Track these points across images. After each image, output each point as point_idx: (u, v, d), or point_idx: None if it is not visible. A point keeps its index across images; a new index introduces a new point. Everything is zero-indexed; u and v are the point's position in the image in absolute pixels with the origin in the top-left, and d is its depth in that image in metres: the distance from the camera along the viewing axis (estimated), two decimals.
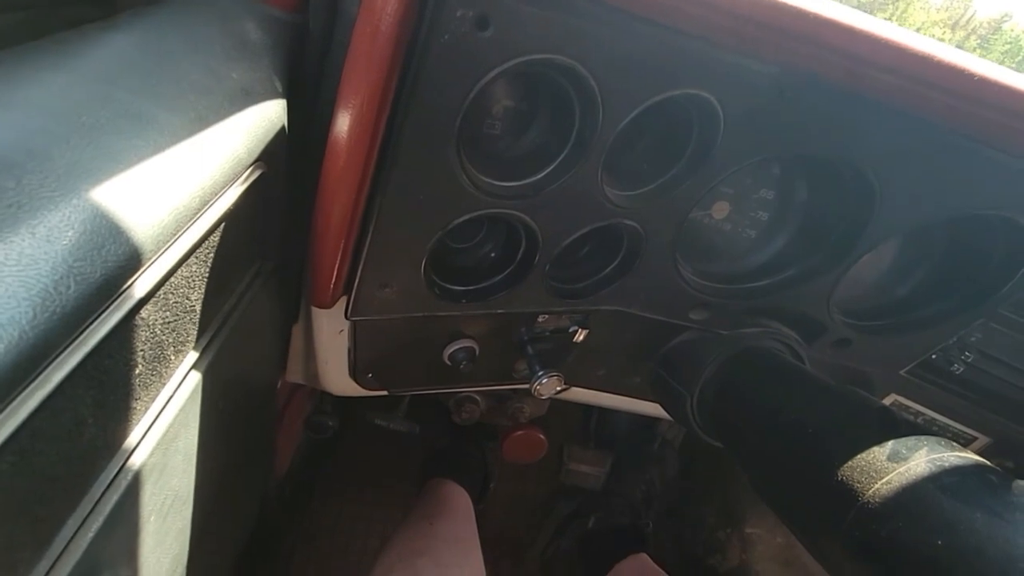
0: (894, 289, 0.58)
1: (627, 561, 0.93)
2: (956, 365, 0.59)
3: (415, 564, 0.66)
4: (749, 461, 0.48)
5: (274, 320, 0.47)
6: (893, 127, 0.40)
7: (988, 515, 0.30)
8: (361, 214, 0.38)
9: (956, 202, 0.45)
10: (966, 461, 0.35)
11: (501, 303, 0.49)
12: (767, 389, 0.50)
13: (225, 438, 0.42)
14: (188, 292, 0.28)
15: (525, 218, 0.42)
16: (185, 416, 0.31)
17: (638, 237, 0.47)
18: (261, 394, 0.55)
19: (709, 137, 0.41)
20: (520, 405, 0.83)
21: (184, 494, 0.33)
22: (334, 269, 0.40)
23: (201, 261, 0.29)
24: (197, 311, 0.30)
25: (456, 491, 0.88)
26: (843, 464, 0.37)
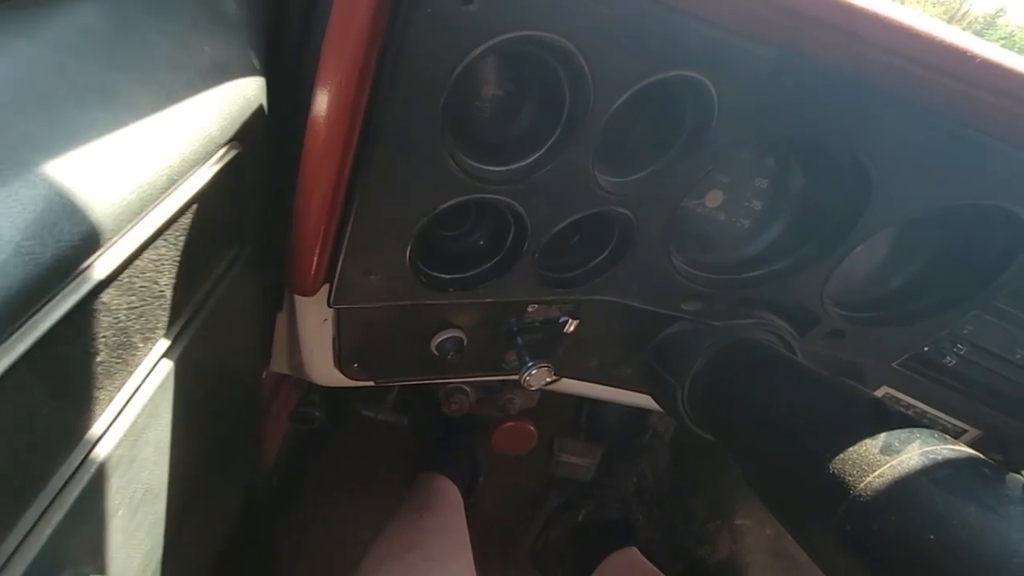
0: (888, 280, 0.57)
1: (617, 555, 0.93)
2: (948, 357, 0.59)
3: (405, 558, 0.65)
4: (740, 453, 0.47)
5: (256, 308, 0.46)
6: (891, 113, 0.40)
7: (981, 509, 0.29)
8: (343, 198, 0.37)
9: (953, 191, 0.44)
10: (959, 454, 0.34)
11: (490, 292, 0.48)
12: (759, 381, 0.49)
13: (203, 430, 0.40)
14: (156, 276, 0.27)
15: (514, 204, 0.40)
16: (155, 407, 0.29)
17: (630, 225, 0.46)
18: (244, 385, 0.54)
19: (703, 122, 0.40)
20: (510, 396, 0.83)
21: (156, 487, 0.32)
22: (315, 255, 0.38)
23: (171, 244, 0.27)
24: (167, 297, 0.28)
25: (446, 485, 0.88)
26: (835, 457, 0.36)
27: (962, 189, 0.44)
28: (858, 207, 0.46)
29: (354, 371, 0.55)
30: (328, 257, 0.40)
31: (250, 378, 0.57)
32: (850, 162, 0.44)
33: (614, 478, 1.05)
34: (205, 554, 0.53)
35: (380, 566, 0.65)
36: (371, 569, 0.65)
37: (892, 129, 0.41)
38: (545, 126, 0.39)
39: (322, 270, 0.40)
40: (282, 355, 0.59)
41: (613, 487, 1.04)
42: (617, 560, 0.91)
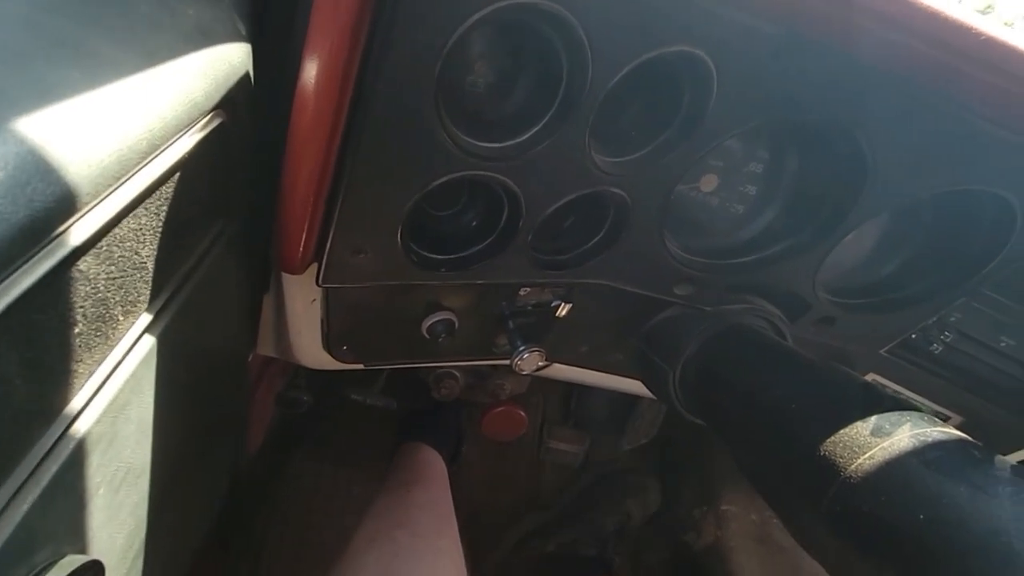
0: (879, 267, 0.57)
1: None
2: (935, 344, 0.60)
3: (394, 536, 0.65)
4: (731, 437, 0.47)
5: (241, 287, 0.45)
6: (891, 96, 0.39)
7: (971, 489, 0.30)
8: (332, 172, 0.36)
9: (948, 177, 0.44)
10: (949, 436, 0.34)
11: (482, 273, 0.47)
12: (750, 366, 0.49)
13: (187, 410, 0.39)
14: (137, 247, 0.26)
15: (508, 182, 0.40)
16: (138, 383, 0.28)
17: (624, 207, 0.45)
18: (229, 366, 0.53)
19: (701, 102, 0.39)
20: (500, 382, 0.82)
21: (139, 467, 0.31)
22: (303, 232, 0.37)
23: (152, 213, 0.26)
24: (149, 269, 0.27)
25: (431, 455, 0.88)
26: (826, 440, 0.37)
27: (957, 175, 0.44)
28: (854, 192, 0.46)
29: (343, 353, 0.54)
30: (317, 234, 0.39)
31: (236, 361, 0.56)
32: (847, 146, 0.44)
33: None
34: (189, 538, 0.52)
35: (370, 545, 0.65)
36: (362, 549, 0.65)
37: (891, 112, 0.41)
38: (541, 102, 0.38)
39: (311, 247, 0.39)
40: (269, 337, 0.58)
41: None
42: None
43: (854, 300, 0.57)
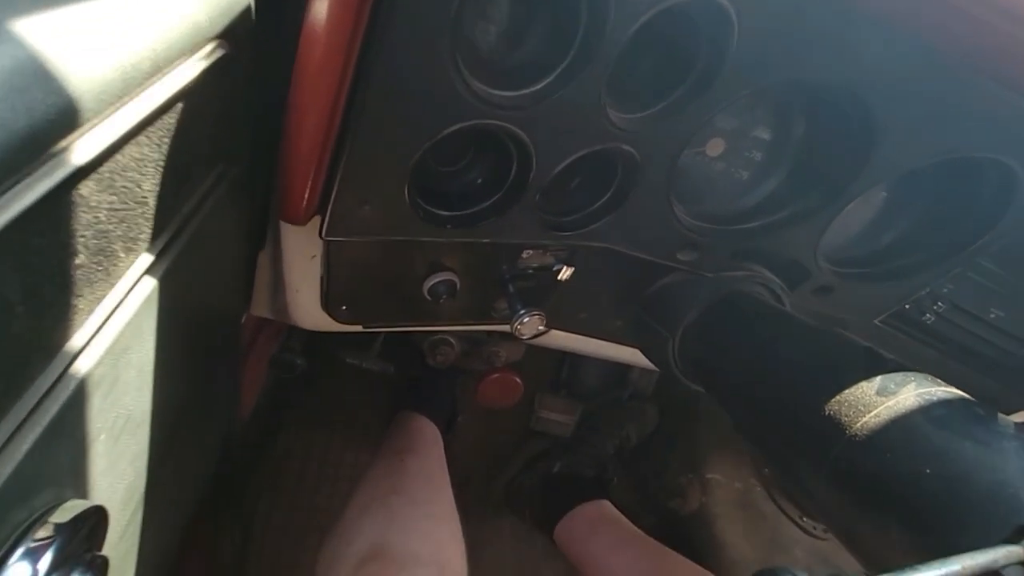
0: (879, 237, 0.58)
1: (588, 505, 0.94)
2: (928, 315, 0.61)
3: (389, 503, 0.65)
4: (732, 402, 0.48)
5: (239, 239, 0.43)
6: (906, 57, 0.39)
7: (976, 444, 0.30)
8: (340, 116, 0.34)
9: (954, 143, 0.44)
10: (953, 395, 0.35)
11: (488, 231, 0.46)
12: (753, 330, 0.49)
13: (185, 362, 0.38)
14: (139, 179, 0.24)
15: (520, 134, 0.38)
16: (139, 326, 0.27)
17: (634, 166, 0.44)
18: (225, 325, 0.52)
19: (719, 56, 0.38)
20: (496, 349, 0.82)
21: (139, 416, 0.30)
22: (308, 178, 0.36)
23: (154, 144, 0.25)
24: (151, 205, 0.26)
25: (425, 424, 0.88)
26: (831, 400, 0.37)
27: (963, 141, 0.44)
28: (860, 159, 0.46)
29: (342, 314, 0.53)
30: (322, 183, 0.37)
31: (231, 319, 0.54)
32: (857, 111, 0.43)
33: (597, 436, 1.06)
34: (186, 497, 0.51)
35: (365, 512, 0.65)
36: (356, 515, 0.65)
37: (904, 76, 0.40)
38: (558, 50, 0.36)
39: (315, 197, 0.38)
40: (264, 297, 0.57)
41: (594, 445, 1.05)
42: (590, 509, 0.93)
43: (853, 269, 0.58)
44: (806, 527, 1.01)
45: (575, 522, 0.92)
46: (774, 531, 1.02)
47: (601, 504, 0.95)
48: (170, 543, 0.47)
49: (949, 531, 0.28)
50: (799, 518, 1.02)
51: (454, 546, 0.64)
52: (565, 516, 0.93)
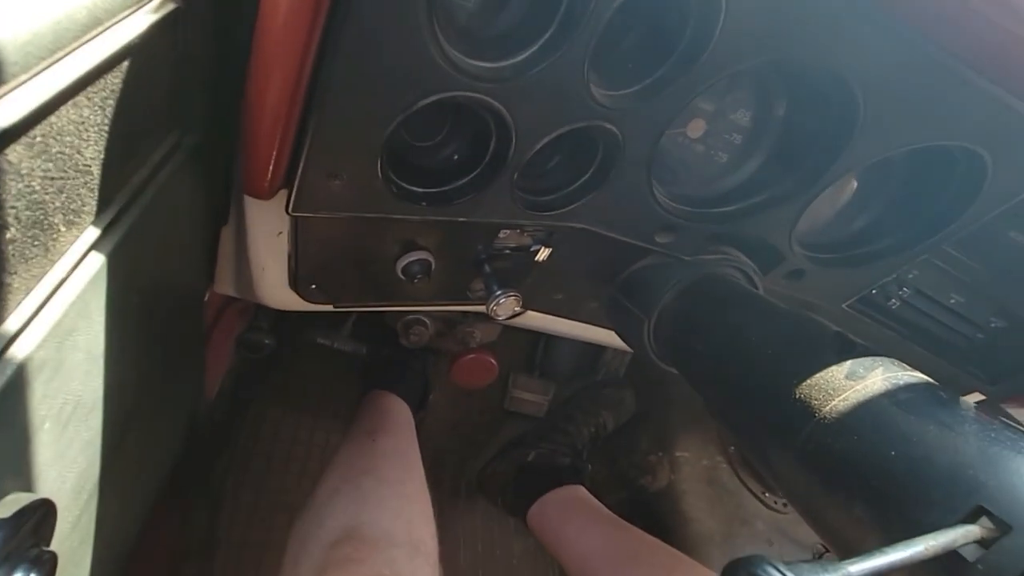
0: (851, 223, 0.59)
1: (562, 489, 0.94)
2: (893, 300, 0.63)
3: (361, 483, 0.64)
4: (706, 384, 0.48)
5: (199, 214, 0.41)
6: (892, 40, 0.39)
7: (939, 427, 0.31)
8: (307, 83, 0.32)
9: (931, 131, 0.45)
10: (918, 380, 0.36)
11: (464, 210, 0.44)
12: (728, 313, 0.50)
13: (142, 346, 0.36)
14: (80, 144, 0.22)
15: (500, 108, 0.37)
16: (86, 306, 0.25)
17: (615, 145, 0.44)
18: (185, 303, 0.49)
19: (706, 33, 0.37)
20: (471, 329, 0.81)
21: (89, 402, 0.28)
22: (272, 150, 0.33)
23: (96, 106, 0.22)
24: (95, 175, 0.24)
25: (396, 403, 0.87)
26: (802, 383, 0.38)
27: (940, 129, 0.44)
28: (839, 144, 0.46)
29: (311, 293, 0.51)
30: (288, 154, 0.35)
31: (192, 298, 0.52)
32: (840, 94, 0.43)
33: (572, 424, 1.05)
34: (147, 483, 0.49)
35: (336, 493, 0.64)
36: (327, 497, 0.64)
37: (887, 62, 0.40)
38: (540, 20, 0.35)
39: (280, 169, 0.35)
40: (228, 275, 0.54)
41: (569, 433, 1.05)
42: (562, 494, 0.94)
43: (825, 254, 0.59)
44: (768, 502, 1.05)
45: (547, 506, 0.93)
46: (738, 506, 1.06)
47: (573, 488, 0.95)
48: (129, 531, 0.45)
49: (911, 510, 0.29)
50: (761, 493, 1.06)
51: (425, 525, 0.64)
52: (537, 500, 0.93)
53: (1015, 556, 0.25)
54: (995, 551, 0.25)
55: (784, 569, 0.17)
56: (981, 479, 0.28)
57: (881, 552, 0.21)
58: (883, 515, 0.30)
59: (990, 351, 0.64)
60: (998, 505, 0.26)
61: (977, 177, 0.49)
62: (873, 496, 0.31)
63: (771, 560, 0.17)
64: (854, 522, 0.32)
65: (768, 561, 0.17)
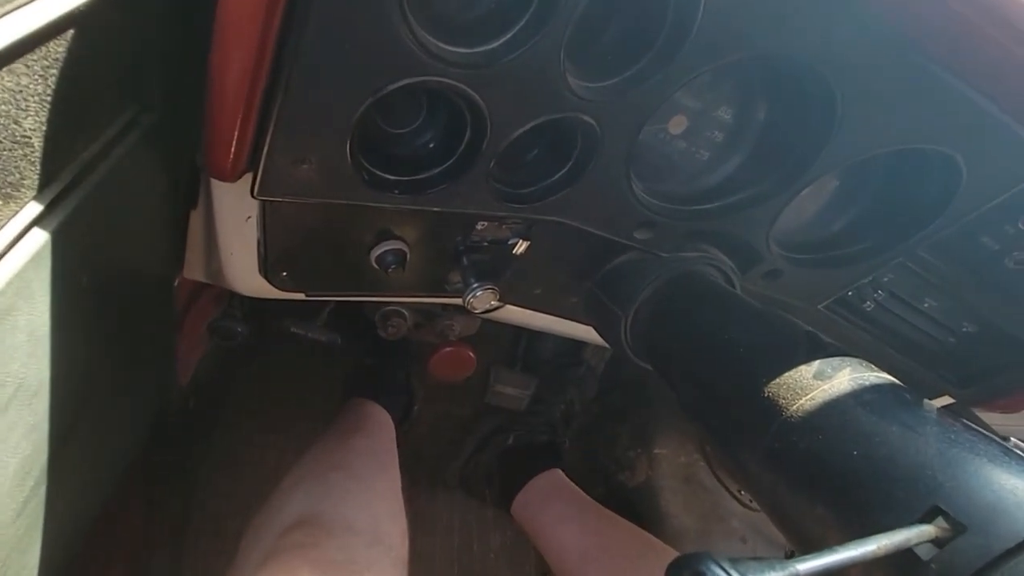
0: (828, 225, 0.59)
1: (542, 476, 0.97)
2: (868, 303, 0.63)
3: (327, 476, 0.62)
4: (679, 381, 0.48)
5: (163, 196, 0.39)
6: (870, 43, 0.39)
7: (902, 428, 0.31)
8: (271, 59, 0.31)
9: (907, 134, 0.45)
10: (884, 381, 0.36)
11: (439, 200, 0.44)
12: (703, 312, 0.50)
13: (98, 329, 0.35)
14: (17, 114, 0.21)
15: (474, 96, 0.36)
16: (26, 285, 0.24)
17: (593, 138, 0.43)
18: (152, 288, 0.48)
19: (685, 25, 0.37)
20: (449, 322, 0.80)
21: (33, 384, 0.27)
22: (234, 130, 0.32)
23: (36, 75, 0.21)
24: (36, 147, 0.23)
25: (377, 411, 0.86)
26: (771, 381, 0.38)
27: (916, 132, 0.44)
28: (818, 144, 0.46)
29: (282, 281, 0.50)
30: (253, 135, 0.34)
31: (160, 283, 0.50)
32: (820, 92, 0.43)
33: (543, 405, 1.08)
34: (105, 471, 0.48)
35: (299, 483, 0.61)
36: (290, 487, 0.62)
37: (867, 62, 0.40)
38: (516, 6, 0.34)
39: (244, 150, 0.34)
40: (198, 260, 0.53)
41: (542, 413, 1.07)
42: (543, 481, 0.95)
43: (802, 255, 0.59)
44: (743, 500, 1.06)
45: (529, 495, 0.94)
46: (714, 503, 1.07)
47: (553, 473, 0.97)
48: (87, 514, 0.44)
49: (871, 509, 0.29)
50: (737, 491, 1.07)
51: (393, 523, 0.61)
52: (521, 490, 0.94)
53: (968, 556, 0.25)
54: (949, 551, 0.25)
55: (729, 567, 0.17)
56: (939, 480, 0.28)
57: (832, 551, 0.21)
58: (844, 514, 0.30)
59: (961, 355, 0.65)
60: (954, 506, 0.26)
61: (952, 182, 0.49)
62: (835, 495, 0.31)
63: (715, 557, 0.17)
64: (817, 520, 0.32)
65: (712, 558, 0.17)
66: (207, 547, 0.91)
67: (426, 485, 1.07)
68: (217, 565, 0.88)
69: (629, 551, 0.74)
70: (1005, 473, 0.27)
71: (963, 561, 0.25)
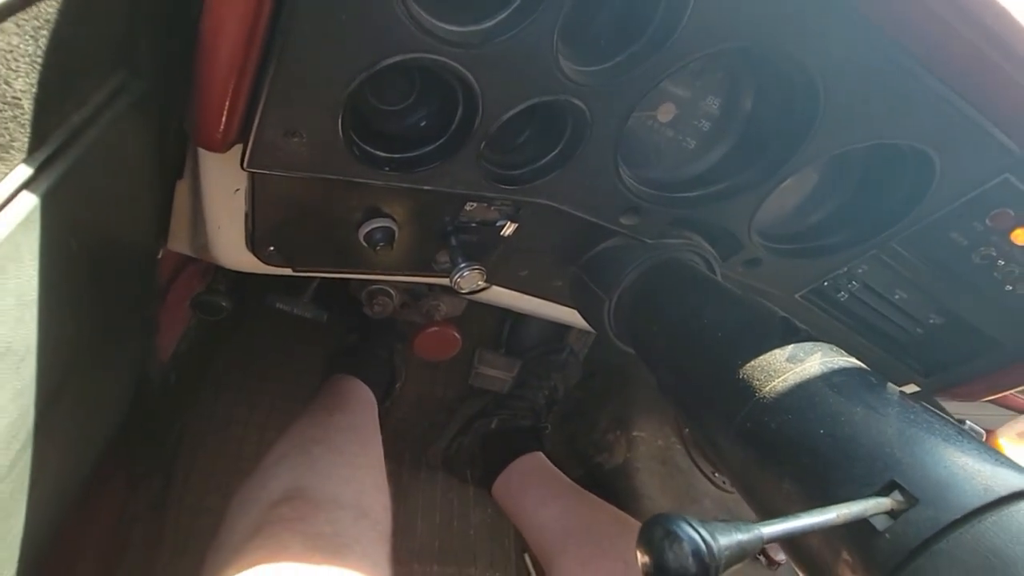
0: (807, 216, 0.61)
1: (524, 458, 0.98)
2: (842, 293, 0.65)
3: (311, 451, 0.63)
4: (659, 363, 0.49)
5: (149, 165, 0.39)
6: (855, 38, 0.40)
7: (866, 409, 0.33)
8: (265, 29, 0.30)
9: (885, 129, 0.46)
10: (852, 365, 0.38)
11: (429, 178, 0.44)
12: (683, 297, 0.51)
13: (84, 294, 0.35)
14: (8, 75, 0.21)
15: (467, 75, 0.36)
16: (15, 248, 0.24)
17: (583, 122, 0.44)
18: (135, 259, 0.47)
19: (675, 15, 0.38)
20: (436, 303, 0.81)
21: (20, 348, 0.27)
22: (225, 100, 0.32)
23: (27, 35, 0.21)
24: (26, 108, 0.22)
25: (359, 387, 0.86)
26: (746, 364, 0.39)
27: (893, 127, 0.46)
28: (800, 136, 0.47)
29: (269, 255, 0.50)
30: (244, 106, 0.34)
31: (144, 254, 0.50)
32: (803, 84, 0.44)
33: (527, 390, 1.10)
34: (88, 440, 0.48)
35: (283, 459, 0.62)
36: (274, 462, 0.62)
37: (850, 57, 0.41)
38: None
39: (235, 120, 0.34)
40: (184, 232, 0.52)
41: (525, 398, 1.09)
42: (524, 463, 0.97)
43: (781, 245, 0.61)
44: (717, 481, 1.10)
45: (510, 477, 0.96)
46: (688, 485, 1.10)
47: (534, 456, 0.99)
48: (70, 485, 0.44)
49: (834, 485, 0.31)
50: (712, 473, 1.11)
51: (377, 495, 0.62)
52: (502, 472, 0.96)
53: (919, 526, 0.27)
54: (902, 521, 0.27)
55: (698, 526, 0.18)
56: (897, 456, 0.30)
57: (795, 516, 0.23)
58: (808, 489, 0.32)
59: (927, 346, 0.68)
60: (909, 480, 0.28)
61: (926, 178, 0.51)
62: (801, 471, 0.33)
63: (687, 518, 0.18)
64: (783, 496, 0.34)
65: (684, 519, 0.18)
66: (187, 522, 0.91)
67: (409, 463, 1.08)
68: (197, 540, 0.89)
69: (608, 530, 0.76)
70: (958, 451, 0.29)
71: (914, 531, 0.27)
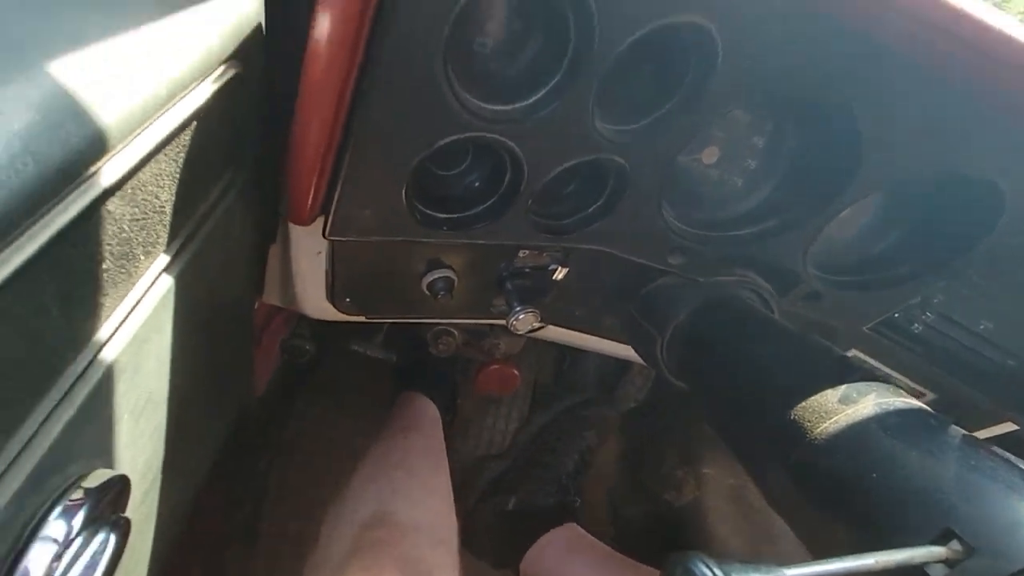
0: (869, 246, 0.59)
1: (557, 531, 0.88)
2: (916, 324, 0.62)
3: (392, 476, 0.70)
4: (710, 399, 0.50)
5: (250, 236, 0.46)
6: (893, 76, 0.40)
7: (921, 453, 0.32)
8: (342, 127, 0.37)
9: (940, 161, 0.45)
10: (909, 406, 0.37)
11: (483, 233, 0.48)
12: (736, 335, 0.51)
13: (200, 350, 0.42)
14: (157, 191, 0.27)
15: (512, 145, 0.41)
16: (157, 319, 0.31)
17: (624, 176, 0.46)
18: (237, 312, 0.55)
19: (704, 75, 0.40)
20: (496, 341, 0.85)
21: (158, 397, 0.34)
22: (311, 185, 0.39)
23: (171, 160, 0.28)
24: (167, 212, 0.29)
25: (427, 404, 0.93)
26: (797, 405, 0.39)
27: (950, 159, 0.45)
28: (849, 171, 0.47)
29: (346, 305, 0.57)
30: (325, 187, 0.40)
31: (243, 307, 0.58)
32: (845, 125, 0.45)
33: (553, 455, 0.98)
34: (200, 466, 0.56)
35: (369, 482, 0.70)
36: (360, 485, 0.70)
37: (891, 94, 0.41)
38: (548, 67, 0.38)
39: (318, 200, 0.41)
40: (275, 287, 0.60)
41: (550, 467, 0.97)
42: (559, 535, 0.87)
43: (842, 277, 0.59)
44: None
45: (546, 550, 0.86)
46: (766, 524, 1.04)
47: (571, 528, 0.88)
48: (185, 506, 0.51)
49: (887, 531, 0.30)
50: None
51: (447, 516, 0.69)
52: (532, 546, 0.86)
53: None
54: (958, 571, 0.27)
55: (715, 567, 0.19)
56: (954, 503, 0.29)
57: (826, 562, 0.23)
58: (861, 533, 0.32)
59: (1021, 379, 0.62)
60: (967, 529, 0.28)
61: (995, 205, 0.49)
62: (854, 516, 0.33)
63: (704, 558, 0.20)
64: (837, 541, 0.34)
65: (701, 558, 0.20)
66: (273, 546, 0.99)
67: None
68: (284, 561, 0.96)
69: None
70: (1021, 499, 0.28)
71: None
